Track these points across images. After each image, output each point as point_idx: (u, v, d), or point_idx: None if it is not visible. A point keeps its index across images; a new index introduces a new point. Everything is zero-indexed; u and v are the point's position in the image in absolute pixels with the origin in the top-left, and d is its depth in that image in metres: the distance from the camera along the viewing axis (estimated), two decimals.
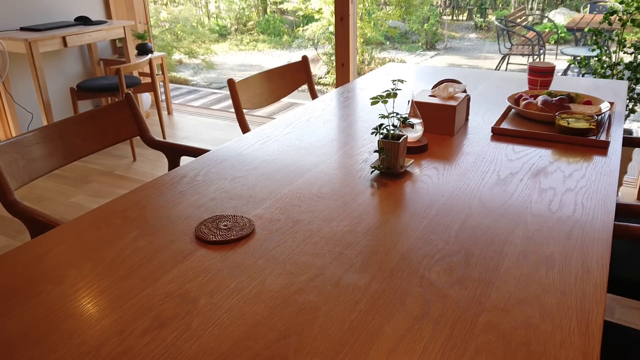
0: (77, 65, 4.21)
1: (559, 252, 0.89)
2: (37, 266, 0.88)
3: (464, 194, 1.11)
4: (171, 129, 4.24)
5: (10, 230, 2.38)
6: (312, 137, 1.48)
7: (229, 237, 0.94)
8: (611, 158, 1.28)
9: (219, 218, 1.01)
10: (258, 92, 2.01)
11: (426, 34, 8.68)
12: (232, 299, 0.78)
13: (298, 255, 0.89)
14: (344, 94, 1.93)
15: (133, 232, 0.98)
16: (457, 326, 0.72)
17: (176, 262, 0.88)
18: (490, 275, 0.83)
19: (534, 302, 0.76)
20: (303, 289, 0.80)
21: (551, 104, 1.55)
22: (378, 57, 7.79)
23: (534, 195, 1.09)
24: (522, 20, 8.02)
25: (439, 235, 0.95)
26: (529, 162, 1.27)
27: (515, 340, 0.69)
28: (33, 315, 0.76)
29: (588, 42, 4.74)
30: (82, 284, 0.82)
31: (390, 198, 1.11)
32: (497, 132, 1.48)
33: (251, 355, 0.67)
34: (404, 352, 0.67)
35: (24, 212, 1.25)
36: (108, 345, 0.69)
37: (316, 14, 7.75)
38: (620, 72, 2.70)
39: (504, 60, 6.39)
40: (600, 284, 0.80)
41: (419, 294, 0.79)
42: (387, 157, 1.19)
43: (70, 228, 1.01)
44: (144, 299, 0.78)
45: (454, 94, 1.50)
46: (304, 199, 1.10)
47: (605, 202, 1.06)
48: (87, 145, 1.31)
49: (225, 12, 10.27)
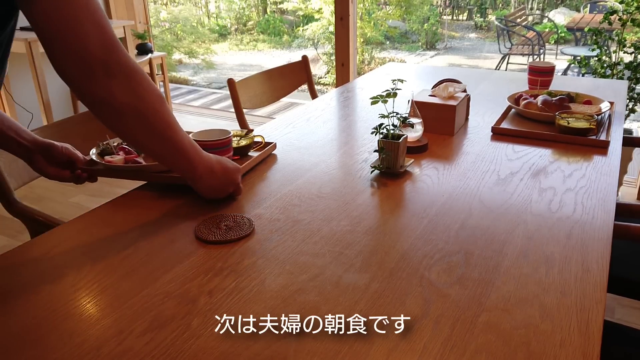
0: None
1: (559, 251, 0.89)
2: (37, 266, 0.88)
3: (464, 193, 1.11)
4: None
5: (10, 230, 2.38)
6: (312, 136, 1.48)
7: (229, 237, 0.94)
8: (611, 158, 1.28)
9: (219, 218, 1.01)
10: (258, 92, 2.01)
11: (426, 33, 8.68)
12: (232, 299, 0.78)
13: (298, 255, 0.89)
14: (344, 94, 1.93)
15: (133, 231, 0.98)
16: (457, 326, 0.72)
17: (176, 262, 0.88)
18: (490, 275, 0.82)
19: (534, 302, 0.76)
20: (303, 288, 0.80)
21: (551, 104, 1.55)
22: (378, 57, 7.79)
23: (534, 195, 1.09)
24: (522, 20, 8.02)
25: (439, 235, 0.95)
26: (529, 161, 1.27)
27: (515, 340, 0.69)
28: (33, 315, 0.76)
29: (588, 42, 4.73)
30: (82, 284, 0.82)
31: (390, 198, 1.10)
32: (497, 132, 1.48)
33: (251, 355, 0.67)
34: (403, 351, 0.67)
35: (24, 212, 1.25)
36: (108, 345, 0.69)
37: (316, 13, 7.75)
38: (620, 71, 2.70)
39: (504, 60, 6.39)
40: (600, 283, 0.80)
41: (418, 293, 0.78)
42: (387, 157, 1.19)
43: (70, 228, 1.01)
44: (144, 298, 0.78)
45: (454, 94, 1.50)
46: (304, 198, 1.10)
47: (605, 201, 1.06)
48: (87, 145, 1.31)
49: (225, 12, 10.27)
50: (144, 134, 0.84)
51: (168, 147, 0.87)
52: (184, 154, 0.90)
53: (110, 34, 0.76)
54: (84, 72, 0.74)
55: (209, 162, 0.96)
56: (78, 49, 0.73)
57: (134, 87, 0.78)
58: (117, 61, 0.76)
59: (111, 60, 0.75)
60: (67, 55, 0.73)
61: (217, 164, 0.98)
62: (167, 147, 0.87)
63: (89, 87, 0.76)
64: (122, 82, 0.76)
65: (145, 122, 0.82)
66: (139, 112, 0.80)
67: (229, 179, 1.02)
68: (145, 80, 0.80)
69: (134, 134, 0.84)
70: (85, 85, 0.76)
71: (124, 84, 0.77)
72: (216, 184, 1.00)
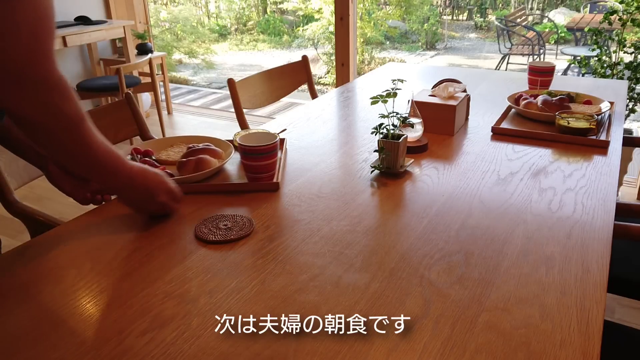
0: (77, 65, 4.21)
1: (559, 251, 0.89)
2: (37, 266, 0.88)
3: (464, 193, 1.11)
4: (171, 129, 4.24)
5: (10, 230, 2.38)
6: (312, 136, 1.48)
7: (229, 236, 0.94)
8: (611, 158, 1.28)
9: (219, 218, 1.01)
10: (258, 92, 2.01)
11: (426, 33, 8.68)
12: (232, 299, 0.78)
13: (298, 254, 0.89)
14: (344, 94, 1.93)
15: (133, 231, 0.98)
16: (457, 326, 0.72)
17: (176, 262, 0.88)
18: (490, 275, 0.82)
19: (534, 302, 0.76)
20: (303, 288, 0.80)
21: (551, 104, 1.55)
22: (378, 57, 7.79)
23: (534, 195, 1.09)
24: (522, 20, 8.02)
25: (439, 235, 0.95)
26: (529, 161, 1.27)
27: (515, 340, 0.69)
28: (33, 314, 0.76)
29: (588, 42, 4.73)
30: (82, 284, 0.82)
31: (390, 198, 1.10)
32: (497, 132, 1.48)
33: (251, 354, 0.67)
34: (404, 351, 0.67)
35: (24, 211, 1.25)
36: (108, 344, 0.69)
37: (316, 13, 7.75)
38: (620, 71, 2.70)
39: (504, 60, 6.39)
40: (600, 283, 0.80)
41: (418, 293, 0.78)
42: (387, 157, 1.19)
43: (70, 228, 1.01)
44: (144, 298, 0.78)
45: (453, 94, 1.50)
46: (304, 198, 1.10)
47: (605, 201, 1.06)
48: None
49: (225, 12, 10.27)
50: (57, 150, 0.83)
51: (83, 163, 0.85)
52: (101, 169, 0.87)
53: (47, 43, 0.72)
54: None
55: (130, 173, 0.91)
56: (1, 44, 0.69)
57: (46, 103, 0.75)
58: (39, 72, 0.72)
59: (31, 73, 0.71)
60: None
61: (138, 174, 0.93)
62: (82, 162, 0.85)
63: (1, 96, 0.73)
64: (34, 97, 0.73)
65: (57, 140, 0.80)
66: (49, 129, 0.77)
67: (152, 190, 0.95)
68: (60, 96, 0.76)
69: (48, 148, 0.83)
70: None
71: (36, 99, 0.74)
72: (137, 197, 0.95)
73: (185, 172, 1.15)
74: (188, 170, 1.15)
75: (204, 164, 1.16)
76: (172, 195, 0.99)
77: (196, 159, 1.17)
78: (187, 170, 1.15)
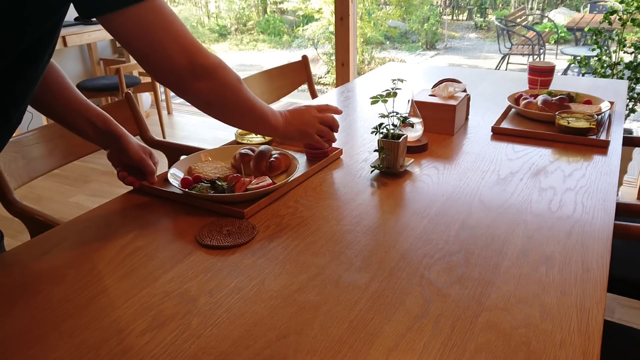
0: (77, 64, 4.21)
1: (559, 251, 0.89)
2: (37, 266, 0.88)
3: (464, 193, 1.11)
4: (171, 129, 4.24)
5: (10, 230, 2.38)
6: None
7: (230, 242, 0.94)
8: (611, 157, 1.28)
9: (221, 222, 1.00)
10: (258, 92, 2.01)
11: (426, 33, 8.68)
12: (232, 298, 0.78)
13: (298, 254, 0.89)
14: (344, 94, 1.93)
15: (133, 231, 0.98)
16: (457, 325, 0.72)
17: (176, 262, 0.88)
18: (490, 275, 0.82)
19: (534, 302, 0.76)
20: (303, 288, 0.80)
21: (551, 104, 1.55)
22: (378, 57, 7.79)
23: (534, 195, 1.09)
24: (522, 20, 8.03)
25: (439, 234, 0.95)
26: (529, 161, 1.27)
27: (515, 340, 0.69)
28: (32, 314, 0.76)
29: (588, 42, 4.74)
30: (81, 284, 0.82)
31: (390, 197, 1.10)
32: (497, 132, 1.48)
33: (251, 354, 0.67)
34: (403, 351, 0.67)
35: (24, 211, 1.25)
36: (108, 344, 0.69)
37: (316, 13, 7.75)
38: (620, 71, 2.70)
39: (504, 60, 6.39)
40: (600, 283, 0.80)
41: (418, 293, 0.78)
42: (387, 157, 1.19)
43: (70, 228, 1.01)
44: (144, 298, 0.78)
45: (453, 94, 1.50)
46: (304, 198, 1.10)
47: (605, 201, 1.06)
48: (86, 145, 1.31)
49: (225, 12, 10.27)
50: (230, 117, 0.99)
51: (251, 121, 1.02)
52: (265, 121, 1.04)
53: (189, 40, 0.85)
54: (175, 80, 0.87)
55: (284, 116, 1.10)
56: (166, 66, 0.84)
57: (215, 83, 0.90)
58: (200, 64, 0.86)
59: (195, 65, 0.86)
60: (159, 72, 0.86)
61: (288, 113, 1.13)
62: (250, 120, 1.02)
63: (182, 90, 0.89)
64: (206, 82, 0.89)
65: (228, 108, 0.96)
66: (222, 102, 0.94)
67: (304, 119, 1.15)
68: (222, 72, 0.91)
69: (222, 118, 0.98)
70: (179, 89, 0.89)
71: (208, 83, 0.89)
72: (295, 130, 1.13)
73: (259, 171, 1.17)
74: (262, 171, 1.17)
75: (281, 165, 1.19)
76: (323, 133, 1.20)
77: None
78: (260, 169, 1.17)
